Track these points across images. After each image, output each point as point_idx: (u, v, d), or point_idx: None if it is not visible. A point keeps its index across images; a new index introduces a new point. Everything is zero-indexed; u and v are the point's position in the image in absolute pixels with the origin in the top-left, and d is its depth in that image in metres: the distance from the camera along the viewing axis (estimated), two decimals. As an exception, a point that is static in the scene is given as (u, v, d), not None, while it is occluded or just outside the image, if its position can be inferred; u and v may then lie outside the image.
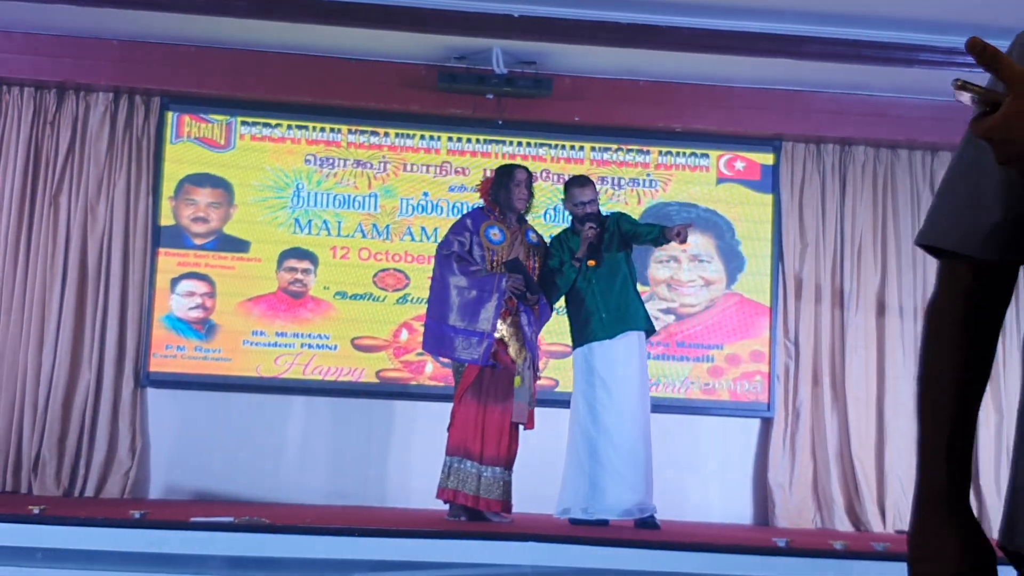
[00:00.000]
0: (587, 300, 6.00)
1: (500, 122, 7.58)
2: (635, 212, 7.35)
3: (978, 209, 1.39)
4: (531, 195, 6.04)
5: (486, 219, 5.98)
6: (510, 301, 5.81)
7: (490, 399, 5.73)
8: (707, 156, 7.88)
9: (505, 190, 5.95)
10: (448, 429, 5.83)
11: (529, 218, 6.25)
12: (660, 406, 6.84)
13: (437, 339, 5.90)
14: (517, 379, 5.78)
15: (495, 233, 5.92)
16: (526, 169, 6.09)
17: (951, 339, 1.42)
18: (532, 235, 6.10)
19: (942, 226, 1.42)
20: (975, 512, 5.31)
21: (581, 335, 6.02)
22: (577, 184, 6.21)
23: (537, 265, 6.03)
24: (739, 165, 7.90)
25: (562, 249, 6.08)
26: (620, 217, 6.22)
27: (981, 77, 1.34)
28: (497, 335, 5.75)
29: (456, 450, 5.73)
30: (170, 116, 7.52)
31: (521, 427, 5.85)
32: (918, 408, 1.46)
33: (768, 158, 7.92)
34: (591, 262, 5.96)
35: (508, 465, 5.76)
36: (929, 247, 1.44)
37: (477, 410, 5.72)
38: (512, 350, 5.82)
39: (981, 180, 1.40)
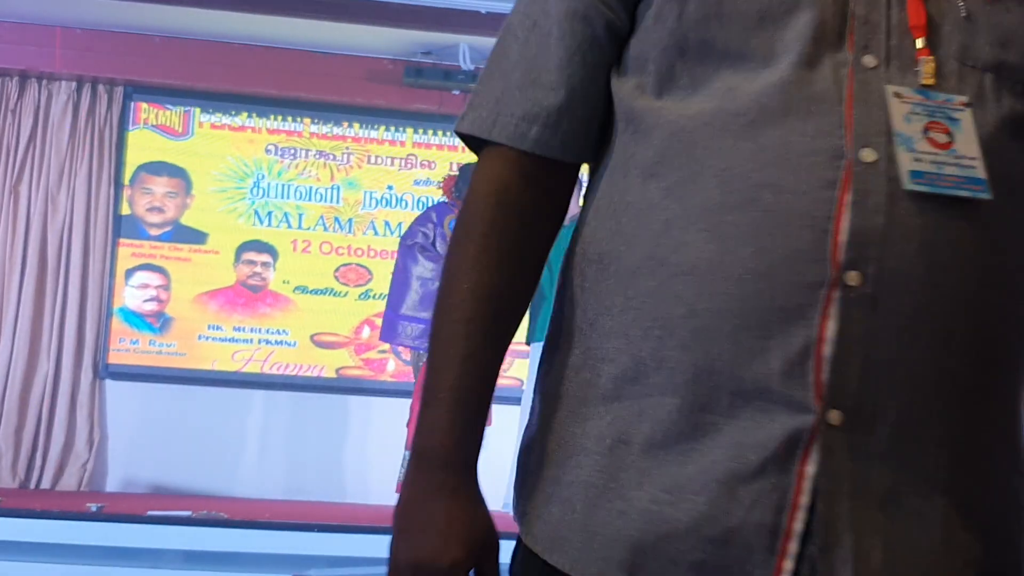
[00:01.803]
0: (548, 294, 5.98)
1: (466, 118, 7.54)
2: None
3: (534, 88, 1.10)
4: None
5: (450, 212, 5.97)
6: None
7: None
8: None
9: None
10: (407, 424, 5.82)
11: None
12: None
13: (393, 328, 5.87)
14: None
15: None
16: None
17: (476, 256, 1.10)
18: None
19: (487, 111, 1.13)
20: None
21: (539, 330, 6.01)
22: None
23: None
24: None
25: None
26: None
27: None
28: None
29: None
30: (132, 107, 7.45)
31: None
32: (428, 345, 1.11)
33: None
34: None
35: None
36: (469, 138, 1.16)
37: None
38: None
39: (540, 52, 1.11)
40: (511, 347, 1.13)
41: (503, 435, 6.09)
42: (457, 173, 6.10)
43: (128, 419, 7.29)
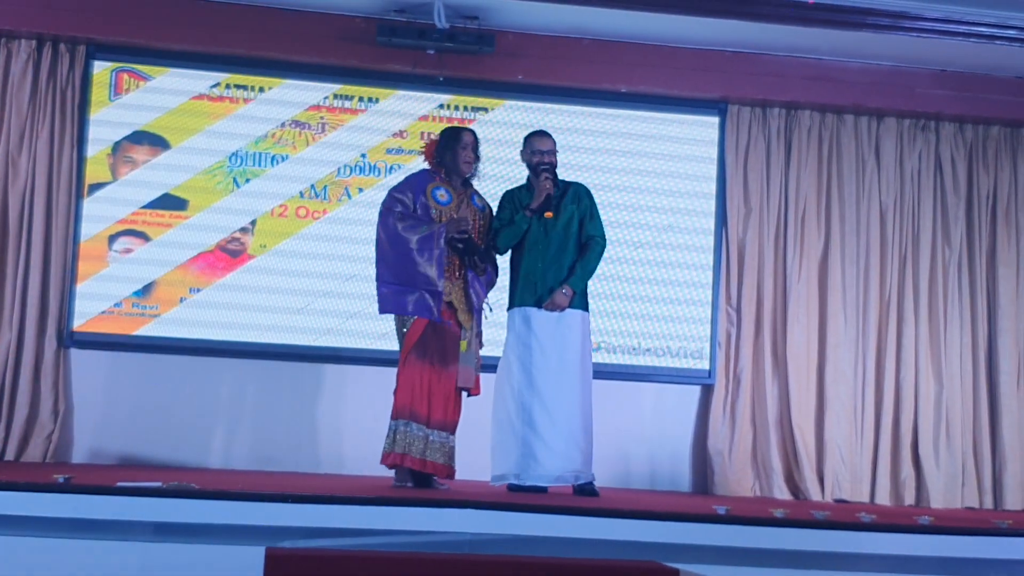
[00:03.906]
0: (538, 261, 5.84)
1: (441, 79, 7.42)
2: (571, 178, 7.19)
3: None
4: (477, 158, 5.88)
5: (432, 180, 5.83)
6: (452, 259, 5.69)
7: (436, 362, 5.60)
8: (641, 122, 7.78)
9: (451, 153, 5.80)
10: (393, 393, 5.68)
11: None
12: (601, 372, 6.74)
13: (385, 299, 5.74)
14: (463, 343, 5.66)
15: (442, 194, 5.78)
16: (473, 132, 5.92)
17: None
18: (477, 199, 5.94)
19: None
20: (914, 483, 5.28)
21: (522, 296, 5.87)
22: (537, 135, 6.07)
23: (483, 228, 5.88)
24: (671, 132, 7.81)
25: (513, 203, 5.95)
26: (586, 194, 6.04)
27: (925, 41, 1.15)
28: (446, 298, 5.64)
29: (401, 413, 5.58)
30: (98, 67, 7.31)
31: (465, 393, 5.74)
32: None
33: (702, 125, 7.83)
34: (548, 214, 5.80)
35: (453, 430, 5.65)
36: None
37: (423, 372, 5.58)
38: (460, 313, 5.70)
39: None
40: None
41: (481, 404, 6.00)
42: (438, 138, 5.95)
43: (94, 389, 7.17)
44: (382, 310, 5.87)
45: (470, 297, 5.75)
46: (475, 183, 5.97)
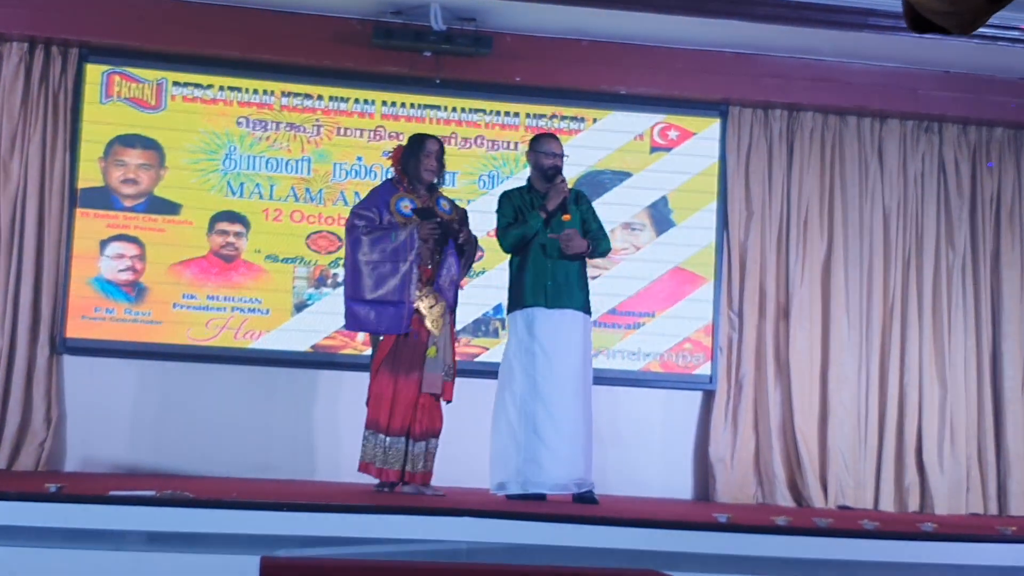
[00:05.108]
0: (542, 263, 5.80)
1: (438, 80, 7.38)
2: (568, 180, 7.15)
3: None
4: (441, 167, 5.89)
5: (395, 191, 5.85)
6: (425, 270, 5.65)
7: (402, 371, 5.63)
8: (641, 124, 7.73)
9: (415, 159, 5.81)
10: (366, 403, 5.74)
11: (464, 185, 6.05)
12: (601, 378, 6.68)
13: (354, 316, 5.75)
14: (432, 350, 5.63)
15: (406, 205, 5.78)
16: (438, 140, 5.94)
17: None
18: (443, 203, 5.92)
19: None
20: (918, 489, 5.21)
21: (524, 298, 5.81)
22: (548, 138, 6.05)
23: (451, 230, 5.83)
24: (672, 134, 7.76)
25: (513, 204, 5.89)
26: (585, 198, 6.01)
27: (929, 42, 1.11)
28: (415, 304, 5.61)
29: (371, 424, 5.69)
30: (90, 70, 7.26)
31: (444, 400, 5.72)
32: None
33: (703, 127, 7.77)
34: (566, 216, 5.76)
35: (422, 437, 5.63)
36: None
37: (389, 383, 5.64)
38: (428, 320, 5.66)
39: None
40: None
41: (481, 411, 5.94)
42: (404, 144, 5.94)
43: (87, 396, 7.11)
44: (348, 326, 5.90)
45: (438, 297, 5.71)
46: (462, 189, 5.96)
